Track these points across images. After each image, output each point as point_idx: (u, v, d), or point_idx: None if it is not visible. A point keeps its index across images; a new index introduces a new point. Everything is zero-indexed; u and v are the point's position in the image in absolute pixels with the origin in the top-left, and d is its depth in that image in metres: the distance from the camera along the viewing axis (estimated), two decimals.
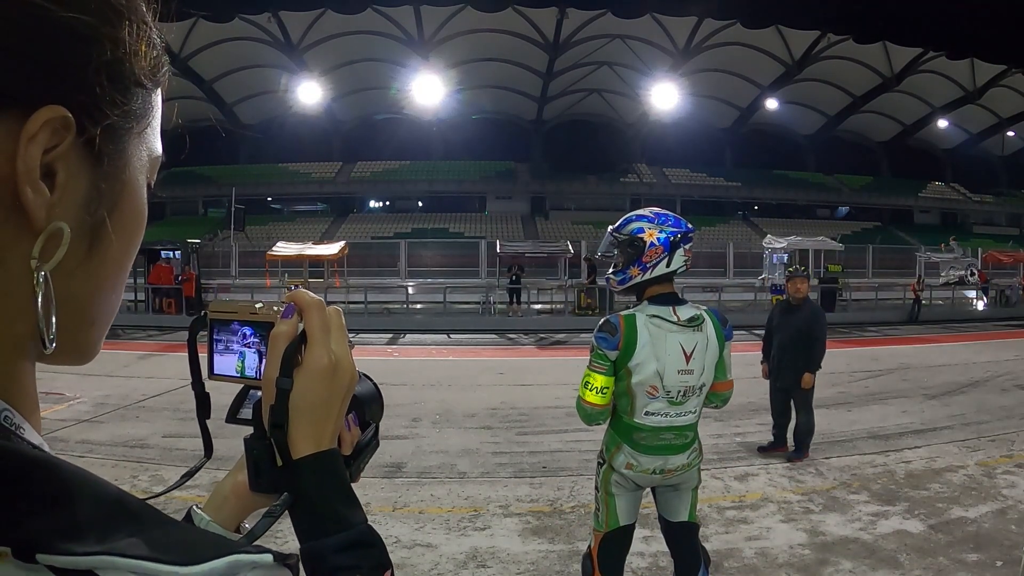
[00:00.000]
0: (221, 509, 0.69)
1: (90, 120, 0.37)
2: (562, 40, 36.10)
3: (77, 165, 0.37)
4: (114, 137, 0.39)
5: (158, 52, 0.43)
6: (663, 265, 2.39)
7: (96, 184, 0.39)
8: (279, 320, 0.55)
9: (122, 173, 0.41)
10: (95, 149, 0.38)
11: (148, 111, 0.43)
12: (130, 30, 0.39)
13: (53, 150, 0.35)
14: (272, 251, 18.52)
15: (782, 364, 5.39)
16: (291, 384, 0.53)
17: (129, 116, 0.40)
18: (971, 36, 34.03)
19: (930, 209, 42.39)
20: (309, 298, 0.56)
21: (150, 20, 0.41)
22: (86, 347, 0.43)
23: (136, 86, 0.40)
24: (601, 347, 2.36)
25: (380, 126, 41.07)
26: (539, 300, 17.66)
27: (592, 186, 39.48)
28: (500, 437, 5.97)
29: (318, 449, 0.54)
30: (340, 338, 0.55)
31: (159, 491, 0.68)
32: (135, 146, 0.42)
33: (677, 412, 2.38)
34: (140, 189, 0.43)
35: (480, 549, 3.71)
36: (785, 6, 33.68)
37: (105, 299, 0.43)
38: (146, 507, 0.37)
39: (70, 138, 0.36)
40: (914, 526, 4.01)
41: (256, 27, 34.61)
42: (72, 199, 0.37)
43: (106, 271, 0.41)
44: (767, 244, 21.39)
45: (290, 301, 0.56)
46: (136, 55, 0.39)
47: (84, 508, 0.34)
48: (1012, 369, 9.29)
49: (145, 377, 8.32)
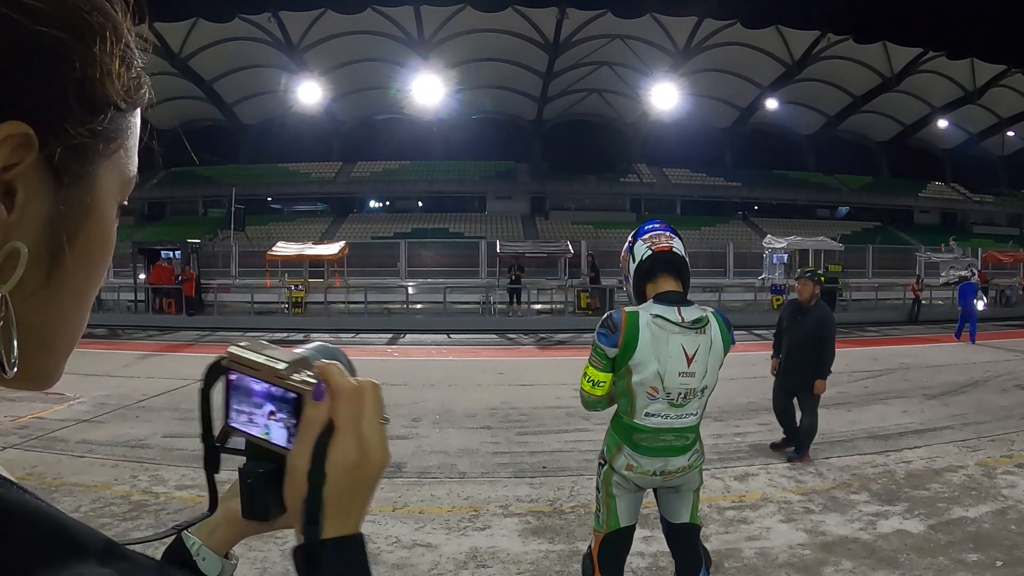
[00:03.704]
0: (213, 534, 0.69)
1: (54, 139, 0.35)
2: (562, 40, 36.11)
3: (38, 185, 0.35)
4: (80, 158, 0.37)
5: (137, 73, 0.41)
6: (632, 265, 2.47)
7: (58, 205, 0.37)
8: (311, 402, 0.52)
9: (86, 196, 0.39)
10: (59, 169, 0.36)
11: (121, 133, 0.41)
12: (104, 49, 0.37)
13: (13, 168, 0.34)
14: (272, 251, 18.50)
15: (790, 366, 5.38)
16: (325, 478, 0.51)
17: (97, 137, 0.38)
18: (971, 36, 34.05)
19: (930, 209, 42.38)
20: (341, 381, 0.52)
21: (131, 40, 0.40)
22: (44, 374, 0.41)
23: (108, 106, 0.38)
24: (601, 343, 2.36)
25: (380, 126, 41.08)
26: (539, 300, 17.66)
27: (592, 186, 39.49)
28: (500, 437, 5.97)
29: (343, 533, 0.52)
30: (373, 420, 0.52)
31: (148, 537, 0.67)
32: (104, 168, 0.40)
33: (678, 414, 2.36)
34: (107, 213, 0.41)
35: (480, 549, 3.70)
36: (785, 6, 33.72)
37: (64, 326, 0.41)
38: (101, 540, 0.35)
39: (32, 156, 0.34)
40: (914, 526, 4.00)
41: (256, 27, 34.61)
42: (31, 221, 0.35)
43: (66, 298, 0.39)
44: (767, 244, 21.40)
45: (322, 378, 0.52)
46: (110, 75, 0.38)
47: (21, 542, 0.31)
48: (1012, 369, 9.29)
49: (145, 377, 8.32)
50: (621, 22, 35.20)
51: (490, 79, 38.12)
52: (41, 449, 5.31)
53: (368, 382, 0.53)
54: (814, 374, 5.20)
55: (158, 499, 4.34)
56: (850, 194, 42.11)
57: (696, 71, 37.16)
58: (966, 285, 13.28)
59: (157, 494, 4.43)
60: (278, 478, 0.65)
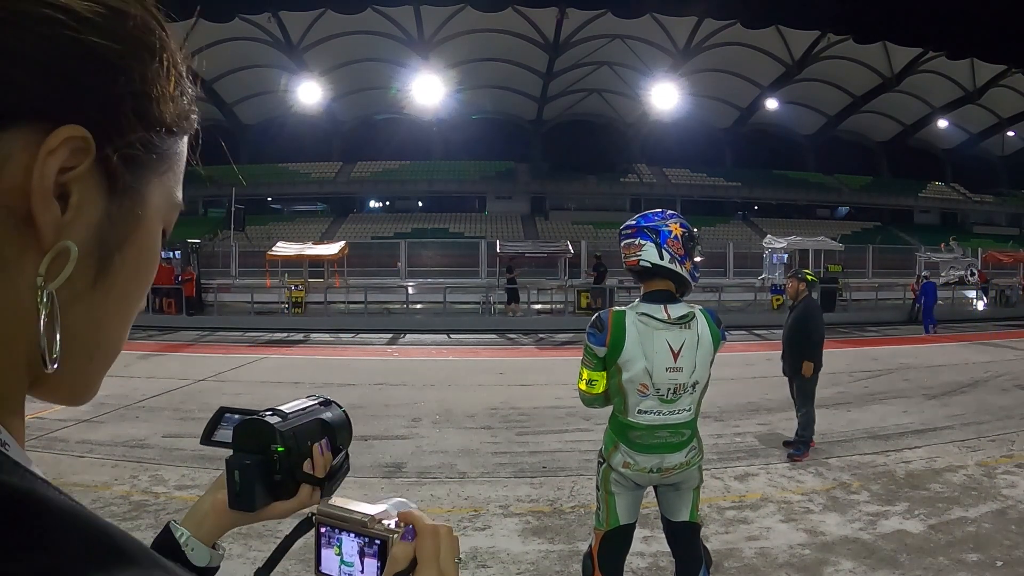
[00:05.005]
0: (201, 525, 0.72)
1: (111, 146, 0.36)
2: (562, 40, 36.12)
3: (92, 190, 0.36)
4: (133, 169, 0.38)
5: (188, 102, 0.42)
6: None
7: (109, 213, 0.37)
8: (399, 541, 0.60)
9: (137, 207, 0.39)
10: (113, 177, 0.37)
11: (171, 155, 0.42)
12: (160, 71, 0.38)
13: (70, 170, 0.34)
14: (272, 251, 18.51)
15: (783, 359, 5.81)
16: None
17: (151, 150, 0.39)
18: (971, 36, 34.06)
19: (930, 209, 42.40)
20: (425, 525, 0.60)
21: (184, 70, 0.41)
22: (82, 383, 0.41)
23: (162, 126, 0.39)
24: (590, 343, 2.40)
25: (380, 126, 41.09)
26: (539, 300, 17.66)
27: (592, 186, 39.49)
28: (500, 437, 5.97)
29: None
30: (449, 557, 0.60)
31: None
32: (154, 185, 0.41)
33: (670, 410, 2.38)
34: (155, 230, 0.42)
35: (480, 549, 3.71)
36: (785, 6, 33.73)
37: (106, 334, 0.41)
38: (138, 546, 0.35)
39: (88, 161, 0.35)
40: (914, 526, 4.00)
41: (256, 27, 34.62)
42: (83, 223, 0.36)
43: (110, 304, 0.40)
44: (767, 244, 21.42)
45: (408, 523, 0.60)
46: (164, 97, 0.39)
47: (70, 548, 0.31)
48: (1012, 369, 9.28)
49: (145, 377, 8.31)
50: (621, 22, 35.21)
51: (490, 79, 38.13)
52: (41, 449, 5.30)
53: (445, 526, 0.61)
54: (798, 362, 5.58)
55: (158, 499, 4.34)
56: (850, 194, 42.11)
57: (696, 71, 37.17)
58: (927, 284, 14.93)
59: (157, 494, 4.44)
60: (265, 470, 0.67)
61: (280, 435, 0.67)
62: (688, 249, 2.40)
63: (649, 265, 2.37)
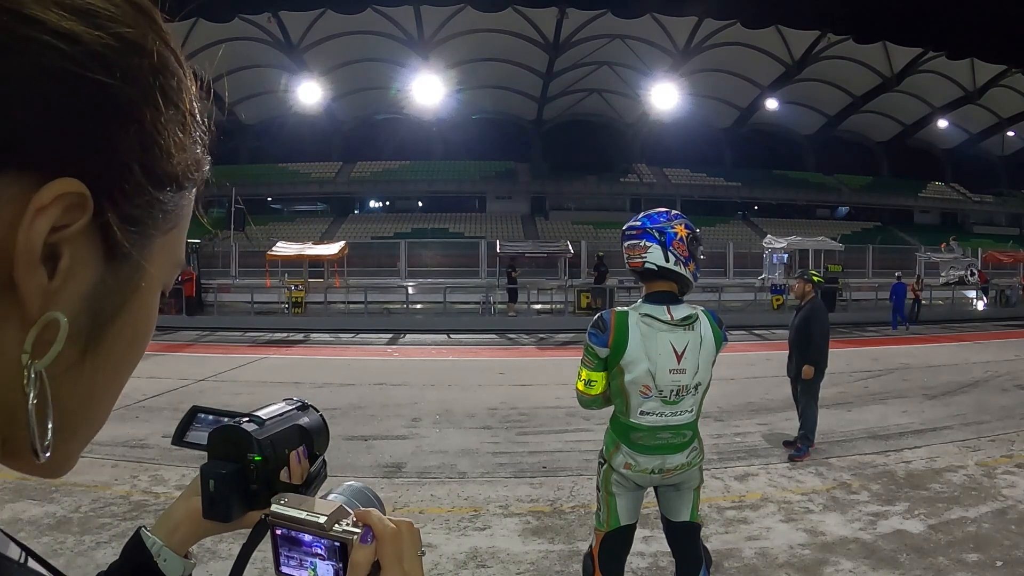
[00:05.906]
0: (173, 534, 0.70)
1: (111, 204, 0.31)
2: (562, 40, 36.10)
3: (85, 253, 0.31)
4: (134, 229, 0.33)
5: (201, 151, 0.38)
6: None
7: (104, 280, 0.33)
8: (358, 544, 0.55)
9: (135, 272, 0.35)
10: (110, 240, 0.32)
11: (178, 212, 0.37)
12: (175, 117, 0.34)
13: (62, 229, 0.29)
14: (272, 251, 18.52)
15: (789, 360, 5.79)
16: None
17: (155, 209, 0.34)
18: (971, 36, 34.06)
19: (930, 209, 42.38)
20: (382, 527, 0.55)
21: (199, 116, 0.37)
22: (62, 460, 0.36)
23: (172, 180, 0.35)
24: (592, 343, 2.38)
25: (380, 126, 41.07)
26: (539, 300, 17.66)
27: (592, 186, 39.48)
28: (500, 437, 5.97)
29: None
30: (413, 557, 0.56)
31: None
32: (157, 246, 0.36)
33: (672, 411, 2.38)
34: (153, 294, 0.38)
35: (480, 549, 3.71)
36: (785, 6, 33.72)
37: (91, 411, 0.37)
38: None
39: (83, 220, 0.30)
40: (914, 526, 4.01)
41: (256, 27, 34.61)
42: (73, 290, 0.31)
43: (100, 379, 0.36)
44: (767, 244, 21.42)
45: (366, 524, 0.55)
46: (178, 146, 0.34)
47: None
48: (1012, 369, 9.28)
49: (145, 377, 8.31)
50: (621, 22, 35.20)
51: (490, 79, 38.12)
52: None
53: (405, 523, 0.57)
54: (802, 362, 5.58)
55: (158, 499, 4.34)
56: (850, 194, 42.09)
57: (696, 71, 37.15)
58: (897, 284, 15.43)
59: (157, 494, 4.44)
60: (241, 479, 0.65)
61: (258, 444, 0.64)
62: (692, 251, 2.40)
63: (655, 268, 2.36)
